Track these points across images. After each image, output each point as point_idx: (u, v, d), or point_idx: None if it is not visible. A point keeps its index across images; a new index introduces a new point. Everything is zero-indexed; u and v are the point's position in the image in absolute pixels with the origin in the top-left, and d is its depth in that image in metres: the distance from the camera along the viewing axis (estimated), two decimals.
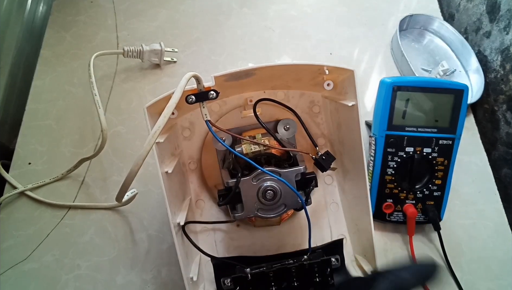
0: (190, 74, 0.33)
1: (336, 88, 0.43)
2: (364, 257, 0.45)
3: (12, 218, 0.51)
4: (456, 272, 0.48)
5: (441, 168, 0.48)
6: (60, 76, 0.61)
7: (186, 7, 0.68)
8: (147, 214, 0.51)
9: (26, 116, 0.58)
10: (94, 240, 0.50)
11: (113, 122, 0.57)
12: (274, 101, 0.47)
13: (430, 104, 0.48)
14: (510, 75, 0.54)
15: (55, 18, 0.66)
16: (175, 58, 0.62)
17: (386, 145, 0.48)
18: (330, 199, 0.50)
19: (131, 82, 0.61)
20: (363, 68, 0.63)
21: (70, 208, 0.52)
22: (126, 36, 0.65)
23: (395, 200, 0.49)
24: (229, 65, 0.62)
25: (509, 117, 0.54)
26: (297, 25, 0.66)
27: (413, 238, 0.49)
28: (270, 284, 0.40)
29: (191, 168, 0.49)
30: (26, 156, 0.55)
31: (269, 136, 0.46)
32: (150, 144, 0.29)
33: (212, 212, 0.49)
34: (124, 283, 0.48)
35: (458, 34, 0.63)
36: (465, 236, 0.51)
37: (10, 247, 0.49)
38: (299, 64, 0.41)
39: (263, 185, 0.39)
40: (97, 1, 0.68)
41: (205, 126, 0.37)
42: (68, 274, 0.48)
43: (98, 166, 0.54)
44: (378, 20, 0.67)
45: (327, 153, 0.44)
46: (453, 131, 0.48)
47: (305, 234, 0.42)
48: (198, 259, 0.45)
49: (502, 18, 0.56)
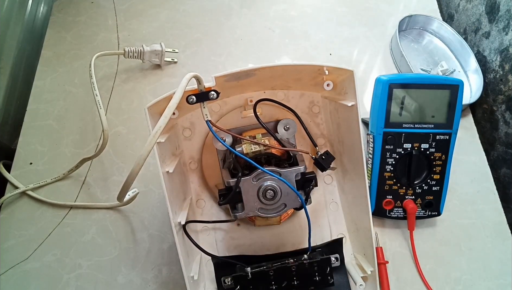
0: (190, 74, 0.33)
1: (336, 89, 0.43)
2: (364, 256, 0.45)
3: (14, 217, 0.51)
4: (456, 272, 0.49)
5: (439, 163, 0.49)
6: (61, 76, 0.61)
7: (186, 7, 0.68)
8: (148, 214, 0.51)
9: (27, 116, 0.58)
10: (95, 239, 0.50)
11: (114, 122, 0.57)
12: (274, 101, 0.47)
13: (426, 100, 0.48)
14: (509, 75, 0.54)
15: (56, 18, 0.66)
16: (175, 59, 0.62)
17: (384, 143, 0.48)
18: (329, 198, 0.50)
19: (132, 82, 0.61)
20: (362, 69, 0.63)
21: (71, 208, 0.52)
22: (126, 36, 0.65)
23: (395, 196, 0.49)
24: (229, 66, 0.63)
25: (508, 117, 0.55)
26: (297, 25, 0.66)
27: (414, 233, 0.49)
28: (270, 283, 0.40)
29: (191, 168, 0.50)
30: (27, 156, 0.55)
31: (269, 136, 0.46)
32: (151, 144, 0.29)
33: (212, 212, 0.49)
34: (125, 283, 0.48)
35: (457, 34, 0.63)
36: (464, 235, 0.51)
37: (11, 247, 0.49)
38: (299, 65, 0.41)
39: (263, 185, 0.39)
40: (97, 2, 0.68)
41: (205, 126, 0.37)
42: (69, 274, 0.48)
43: (99, 166, 0.54)
44: (377, 20, 0.67)
45: (326, 153, 0.45)
46: (449, 126, 0.48)
47: (305, 233, 0.42)
48: (198, 258, 0.45)
49: (501, 19, 0.56)
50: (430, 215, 0.50)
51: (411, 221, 0.49)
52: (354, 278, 0.43)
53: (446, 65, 0.60)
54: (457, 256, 0.50)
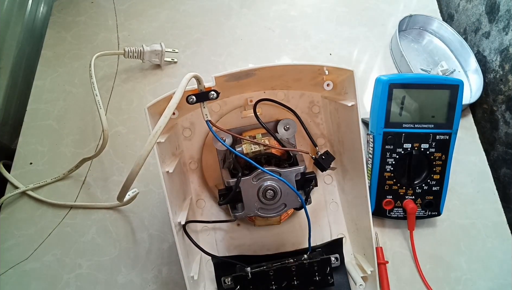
0: (190, 74, 0.33)
1: (336, 89, 0.43)
2: (364, 256, 0.45)
3: (14, 217, 0.51)
4: (456, 272, 0.49)
5: (439, 163, 0.49)
6: (61, 76, 0.61)
7: (186, 7, 0.68)
8: (148, 214, 0.51)
9: (27, 116, 0.58)
10: (95, 239, 0.50)
11: (114, 122, 0.57)
12: (274, 101, 0.47)
13: (426, 100, 0.48)
14: (509, 75, 0.54)
15: (56, 18, 0.66)
16: (175, 59, 0.62)
17: (384, 143, 0.48)
18: (329, 198, 0.50)
19: (132, 82, 0.61)
20: (362, 69, 0.63)
21: (71, 208, 0.52)
22: (126, 36, 0.65)
23: (395, 196, 0.50)
24: (229, 66, 0.63)
25: (508, 117, 0.55)
26: (297, 25, 0.67)
27: (414, 233, 0.49)
28: (270, 283, 0.40)
29: (191, 168, 0.50)
30: (28, 156, 0.55)
31: (269, 136, 0.46)
32: (151, 144, 0.29)
33: (212, 212, 0.49)
34: (125, 283, 0.48)
35: (457, 34, 0.63)
36: (464, 235, 0.51)
37: (11, 247, 0.49)
38: (299, 65, 0.41)
39: (263, 185, 0.39)
40: (97, 2, 0.68)
41: (205, 126, 0.37)
42: (69, 274, 0.48)
43: (99, 166, 0.54)
44: (377, 20, 0.67)
45: (326, 153, 0.45)
46: (449, 126, 0.48)
47: (305, 233, 0.42)
48: (198, 258, 0.45)
49: (501, 19, 0.56)
50: (430, 215, 0.50)
51: (411, 221, 0.49)
52: (354, 278, 0.43)
53: (446, 65, 0.60)
54: (457, 256, 0.50)
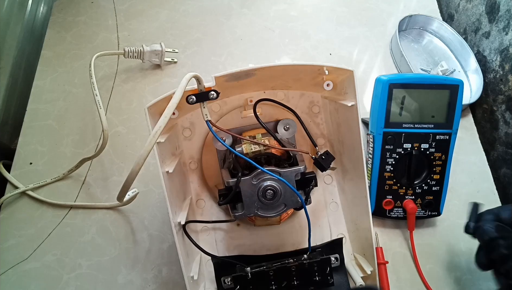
0: (190, 74, 0.33)
1: (336, 88, 0.43)
2: (364, 256, 0.45)
3: (13, 217, 0.51)
4: (456, 272, 0.49)
5: (439, 163, 0.49)
6: (61, 76, 0.61)
7: (186, 7, 0.68)
8: (148, 214, 0.51)
9: (27, 116, 0.58)
10: (95, 239, 0.50)
11: (114, 122, 0.57)
12: (274, 101, 0.47)
13: (426, 100, 0.48)
14: (509, 75, 0.54)
15: (56, 18, 0.66)
16: (175, 59, 0.62)
17: (384, 143, 0.48)
18: (329, 198, 0.50)
19: (132, 82, 0.61)
20: (362, 69, 0.63)
21: (71, 208, 0.52)
22: (126, 36, 0.65)
23: (395, 196, 0.50)
24: (229, 66, 0.63)
25: (508, 117, 0.55)
26: (297, 25, 0.67)
27: (414, 233, 0.49)
28: (270, 283, 0.40)
29: (191, 168, 0.50)
30: (27, 156, 0.55)
31: (269, 136, 0.46)
32: (151, 144, 0.29)
33: (212, 212, 0.49)
34: (125, 283, 0.48)
35: (457, 34, 0.63)
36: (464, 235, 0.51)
37: (11, 247, 0.49)
38: (299, 65, 0.41)
39: (263, 185, 0.39)
40: (97, 2, 0.68)
41: (205, 126, 0.37)
42: (69, 274, 0.48)
43: (99, 166, 0.55)
44: (377, 20, 0.67)
45: (326, 153, 0.45)
46: (449, 126, 0.48)
47: (305, 233, 0.42)
48: (198, 258, 0.45)
49: (501, 19, 0.56)
50: (430, 215, 0.50)
51: (411, 221, 0.49)
52: (354, 278, 0.43)
53: (446, 65, 0.60)
54: (457, 256, 0.50)
